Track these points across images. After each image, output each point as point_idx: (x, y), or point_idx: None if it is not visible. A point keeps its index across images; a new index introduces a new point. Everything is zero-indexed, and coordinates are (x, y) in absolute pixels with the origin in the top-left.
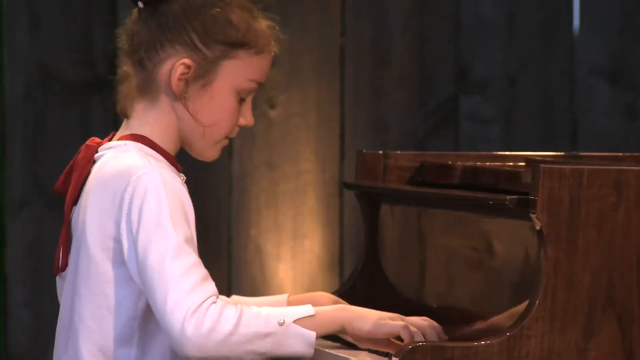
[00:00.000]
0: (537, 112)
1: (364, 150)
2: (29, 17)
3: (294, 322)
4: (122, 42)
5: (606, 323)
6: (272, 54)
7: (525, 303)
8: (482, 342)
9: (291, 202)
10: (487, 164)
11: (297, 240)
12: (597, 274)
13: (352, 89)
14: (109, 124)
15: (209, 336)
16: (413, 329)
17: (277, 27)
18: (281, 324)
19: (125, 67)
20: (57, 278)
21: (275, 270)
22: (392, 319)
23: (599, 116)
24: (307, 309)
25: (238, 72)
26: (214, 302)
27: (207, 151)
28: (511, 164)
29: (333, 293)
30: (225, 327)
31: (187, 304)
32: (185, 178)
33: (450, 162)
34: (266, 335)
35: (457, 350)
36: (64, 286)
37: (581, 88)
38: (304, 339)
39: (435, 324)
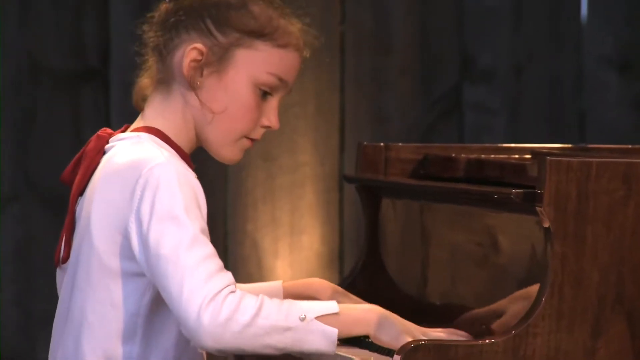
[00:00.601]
0: (544, 102)
1: (365, 142)
2: (18, 5)
3: (316, 318)
4: (148, 35)
5: (615, 321)
6: (300, 54)
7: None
8: (487, 341)
9: (289, 196)
10: (492, 156)
11: (295, 236)
12: (605, 271)
13: (352, 78)
14: (101, 116)
15: (226, 326)
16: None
17: (311, 32)
18: (302, 319)
19: (147, 58)
20: (57, 270)
21: (272, 267)
22: (413, 331)
23: (607, 107)
24: (331, 306)
25: (255, 63)
26: (233, 292)
27: (224, 149)
28: (517, 156)
29: None
30: (244, 317)
31: (203, 292)
32: (197, 177)
33: (454, 155)
34: (286, 329)
35: (461, 348)
36: (63, 279)
37: (589, 78)
38: (325, 336)
39: (461, 332)
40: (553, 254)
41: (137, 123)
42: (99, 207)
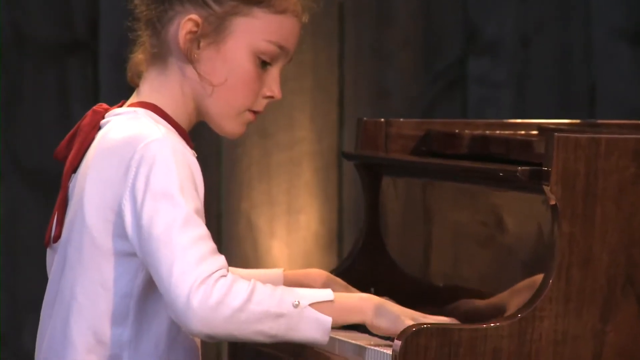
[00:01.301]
0: (552, 76)
1: (365, 118)
2: None
3: (310, 305)
4: (140, 9)
5: (625, 304)
6: (299, 19)
7: (538, 283)
8: (492, 324)
9: (285, 173)
10: (498, 132)
11: (291, 216)
12: (615, 252)
13: (352, 50)
14: (89, 91)
15: (217, 310)
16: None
17: None
18: (296, 306)
19: (140, 33)
20: (48, 250)
21: (268, 247)
22: (413, 318)
23: (619, 81)
24: (326, 293)
25: (254, 31)
26: (224, 275)
27: (227, 123)
28: (523, 132)
29: (331, 272)
30: (235, 302)
31: (194, 275)
32: (196, 155)
33: (457, 131)
34: (278, 316)
35: (465, 332)
36: (54, 259)
37: (599, 50)
38: (319, 325)
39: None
40: (560, 234)
41: (133, 99)
42: (93, 184)
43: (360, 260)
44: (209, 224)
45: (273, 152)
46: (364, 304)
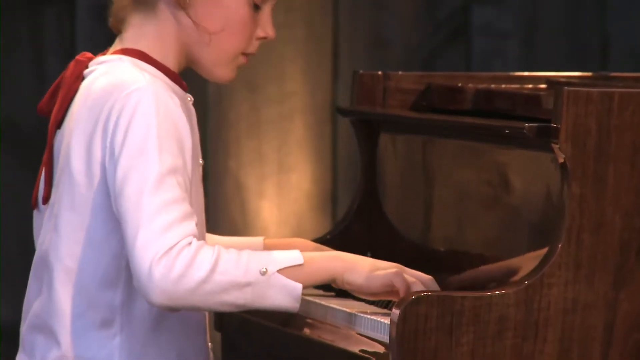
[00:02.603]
0: (562, 25)
1: (361, 70)
2: None
3: (278, 271)
4: None
5: None
6: None
7: (546, 248)
8: (497, 292)
9: (276, 130)
10: (503, 86)
11: (282, 175)
12: (629, 214)
13: None
14: (66, 42)
15: (178, 283)
16: (410, 278)
17: None
18: (263, 273)
19: None
20: (35, 213)
21: (257, 209)
22: (386, 268)
23: (633, 31)
24: (294, 256)
25: None
26: (189, 244)
27: (220, 69)
28: (531, 86)
29: (324, 235)
30: (198, 273)
31: (157, 245)
32: (192, 99)
33: (460, 84)
34: (245, 285)
35: (468, 300)
36: (42, 223)
37: None
38: (288, 292)
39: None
40: (570, 196)
41: (117, 46)
42: (78, 137)
43: (356, 223)
44: None
45: (262, 106)
46: (334, 262)
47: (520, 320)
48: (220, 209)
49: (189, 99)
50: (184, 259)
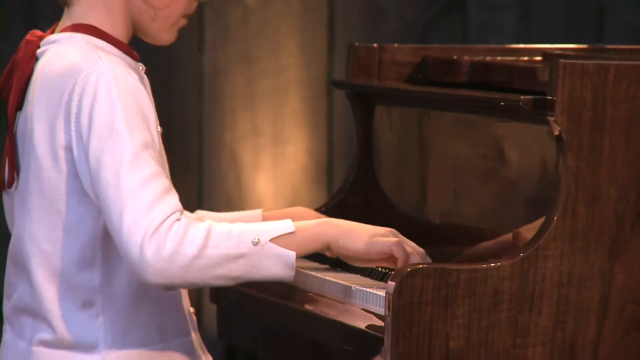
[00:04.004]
0: None
1: (356, 43)
2: None
3: (271, 240)
4: None
5: (635, 242)
6: None
7: (542, 219)
8: (492, 264)
9: (271, 102)
10: (499, 58)
11: (278, 147)
12: (624, 187)
13: None
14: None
15: (172, 260)
16: (409, 248)
17: None
18: (256, 244)
19: None
20: (4, 195)
21: (253, 181)
22: (384, 235)
23: (629, 3)
24: (285, 225)
25: None
26: (178, 220)
27: (163, 34)
28: (527, 58)
29: (319, 208)
30: (191, 249)
31: (145, 223)
32: (144, 68)
33: (456, 57)
34: (238, 256)
35: (464, 273)
36: (13, 205)
37: None
38: (282, 260)
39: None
40: (566, 168)
41: (66, 21)
42: (40, 121)
43: (352, 196)
44: (189, 158)
45: (258, 79)
46: (327, 228)
47: (516, 293)
48: (216, 183)
49: (140, 67)
50: (175, 235)
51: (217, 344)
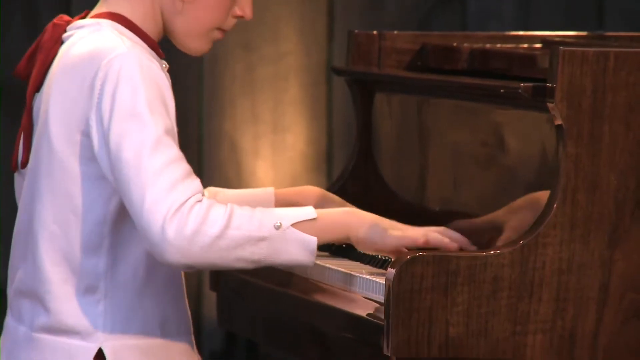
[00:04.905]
0: None
1: (356, 30)
2: None
3: (293, 225)
4: None
5: (635, 230)
6: None
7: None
8: (492, 252)
9: (271, 90)
10: (499, 45)
11: (277, 135)
12: (624, 174)
13: None
14: (58, 1)
15: (193, 240)
16: (445, 239)
17: None
18: (277, 228)
19: None
20: (16, 175)
21: (252, 169)
22: (404, 230)
23: None
24: (308, 212)
25: None
26: (199, 201)
27: (192, 41)
28: (526, 45)
29: None
30: (213, 229)
31: (167, 203)
32: (168, 66)
33: (456, 44)
34: (260, 239)
35: (463, 260)
36: (23, 185)
37: None
38: (304, 245)
39: (457, 236)
40: (566, 155)
41: (99, 8)
42: (57, 104)
43: (351, 184)
44: (188, 145)
45: (257, 66)
46: (349, 218)
47: (515, 280)
48: (216, 170)
49: (164, 65)
50: (197, 216)
51: (217, 332)
